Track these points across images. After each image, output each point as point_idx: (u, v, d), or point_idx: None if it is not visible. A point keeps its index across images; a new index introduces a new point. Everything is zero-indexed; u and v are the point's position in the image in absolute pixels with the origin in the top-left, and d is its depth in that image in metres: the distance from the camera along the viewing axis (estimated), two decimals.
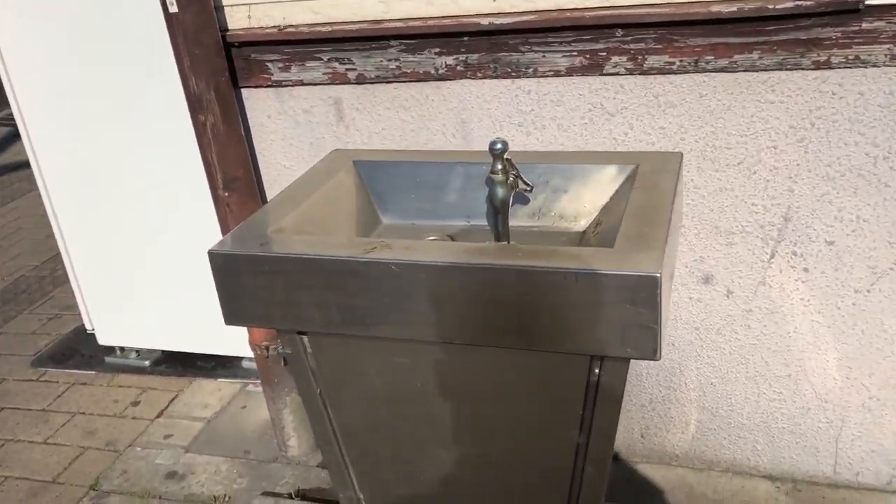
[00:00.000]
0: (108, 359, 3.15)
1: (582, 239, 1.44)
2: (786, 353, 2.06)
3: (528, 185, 1.43)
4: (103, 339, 3.12)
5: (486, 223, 1.53)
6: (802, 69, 1.78)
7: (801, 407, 2.11)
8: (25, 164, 5.70)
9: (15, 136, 6.53)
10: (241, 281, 1.28)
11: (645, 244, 1.15)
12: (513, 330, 1.18)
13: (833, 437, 2.12)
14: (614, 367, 1.22)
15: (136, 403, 2.90)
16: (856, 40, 1.72)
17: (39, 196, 2.94)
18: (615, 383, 1.24)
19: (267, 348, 2.34)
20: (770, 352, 2.07)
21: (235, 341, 2.83)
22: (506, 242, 1.45)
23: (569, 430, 1.30)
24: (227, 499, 2.38)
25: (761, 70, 1.80)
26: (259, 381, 2.89)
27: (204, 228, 2.65)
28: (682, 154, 1.51)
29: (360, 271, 1.22)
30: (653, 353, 1.12)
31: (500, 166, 1.36)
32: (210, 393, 2.90)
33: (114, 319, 3.05)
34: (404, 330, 1.24)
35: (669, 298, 1.23)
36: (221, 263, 1.29)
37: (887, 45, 1.70)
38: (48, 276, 4.04)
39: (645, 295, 1.09)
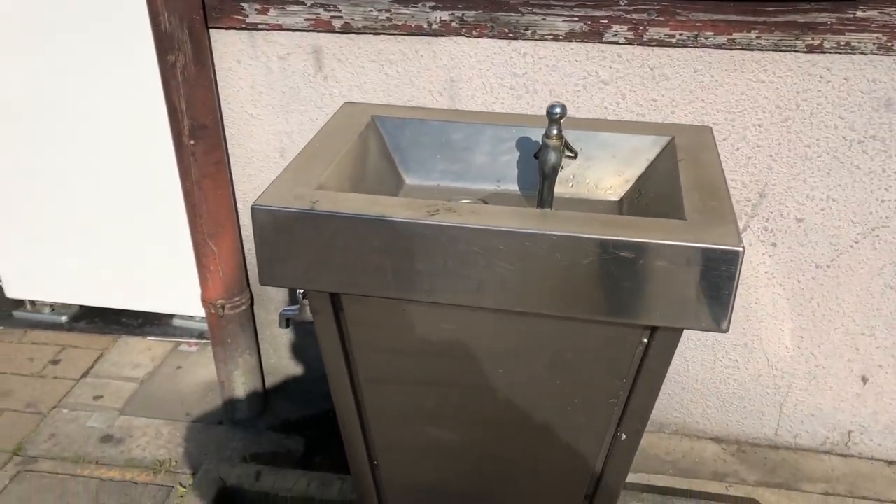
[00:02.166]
0: (17, 314, 2.90)
1: (620, 208, 1.44)
2: (745, 323, 2.17)
3: (573, 151, 1.41)
4: (11, 292, 2.86)
5: (516, 188, 1.50)
6: (796, 52, 1.84)
7: (752, 373, 2.23)
8: None
9: None
10: (288, 240, 1.19)
11: (718, 218, 1.16)
12: (581, 300, 1.17)
13: (779, 402, 2.26)
14: (666, 336, 1.23)
15: (55, 362, 2.69)
16: (849, 27, 1.79)
17: None
18: (664, 352, 1.25)
19: (223, 307, 2.22)
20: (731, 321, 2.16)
21: (165, 296, 2.68)
22: (550, 209, 1.42)
23: (611, 398, 1.30)
24: (172, 463, 2.26)
25: (757, 50, 1.85)
26: (193, 341, 2.75)
27: (129, 175, 2.46)
28: (710, 128, 1.53)
29: (423, 234, 1.16)
30: (722, 325, 1.14)
31: (554, 131, 1.33)
32: (140, 352, 2.73)
33: (25, 271, 2.80)
34: (464, 297, 1.20)
35: None
36: (267, 220, 1.19)
37: (877, 34, 1.78)
38: None
39: (726, 268, 1.10)
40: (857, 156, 1.92)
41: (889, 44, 1.79)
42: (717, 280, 1.11)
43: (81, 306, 2.90)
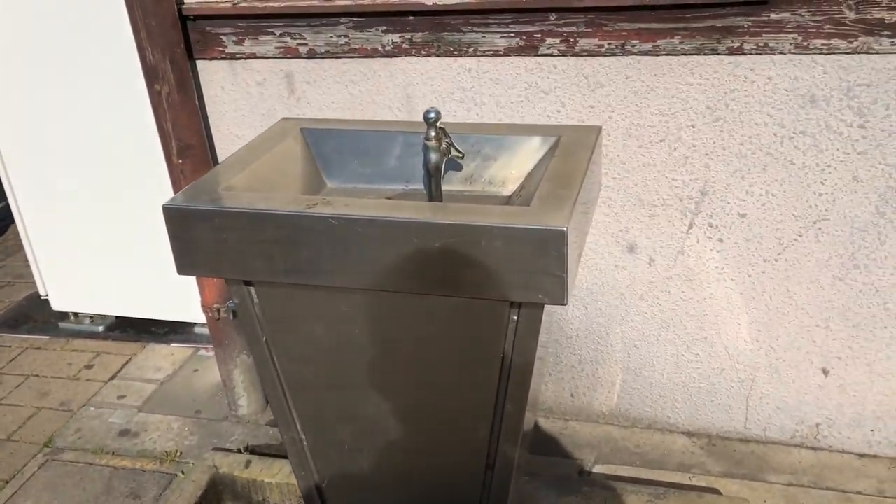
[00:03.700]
0: (61, 324, 3.22)
1: (508, 202, 1.58)
2: (702, 318, 2.24)
3: (459, 152, 1.56)
4: (57, 305, 3.19)
5: (422, 188, 1.66)
6: (718, 54, 1.94)
7: (715, 368, 2.30)
8: None
9: None
10: (192, 233, 1.40)
11: (557, 203, 1.30)
12: (439, 279, 1.32)
13: (744, 395, 2.31)
14: (530, 312, 1.37)
15: (89, 367, 2.99)
16: (765, 29, 1.88)
17: None
18: (531, 327, 1.39)
19: (218, 310, 2.45)
20: (688, 316, 2.25)
21: (188, 307, 2.93)
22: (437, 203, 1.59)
23: (490, 370, 1.44)
24: (178, 454, 2.49)
25: (682, 54, 1.96)
26: (210, 346, 3.00)
27: (156, 195, 2.73)
28: (600, 128, 1.66)
29: (302, 225, 1.34)
30: (561, 299, 1.27)
31: (433, 133, 1.50)
32: (163, 357, 3.00)
33: (68, 285, 3.12)
34: (342, 279, 1.37)
35: (581, 252, 1.38)
36: (175, 217, 1.40)
37: (792, 35, 1.87)
38: None
39: (554, 247, 1.23)
40: (789, 151, 1.99)
41: (805, 43, 1.87)
42: (549, 258, 1.24)
43: (116, 317, 3.20)
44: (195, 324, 3.09)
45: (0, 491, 2.39)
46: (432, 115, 1.46)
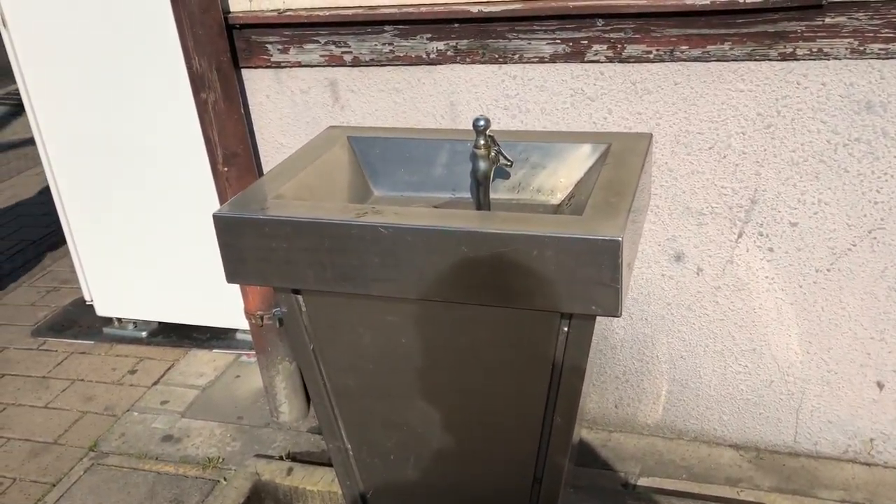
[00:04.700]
0: (106, 329, 3.26)
1: (557, 210, 1.56)
2: (751, 329, 2.20)
3: (508, 160, 1.55)
4: (102, 311, 3.23)
5: (469, 196, 1.65)
6: (770, 60, 1.90)
7: (764, 380, 2.25)
8: (22, 143, 5.80)
9: (12, 115, 6.61)
10: (242, 242, 1.40)
11: (611, 212, 1.27)
12: (489, 289, 1.30)
13: (794, 408, 2.26)
14: (582, 323, 1.34)
15: (133, 372, 3.02)
16: (819, 34, 1.84)
17: (35, 175, 3.04)
18: (582, 339, 1.36)
19: (261, 317, 2.46)
20: (736, 327, 2.20)
21: (230, 313, 2.95)
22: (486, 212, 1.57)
23: (540, 382, 1.42)
24: (220, 460, 2.50)
25: (732, 60, 1.92)
26: (252, 352, 3.01)
27: (200, 203, 2.76)
28: (651, 135, 1.63)
29: (352, 234, 1.33)
30: (615, 311, 1.25)
31: (482, 141, 1.48)
32: (205, 363, 3.02)
33: (112, 291, 3.16)
34: (391, 288, 1.36)
35: (633, 262, 1.36)
36: (225, 225, 1.40)
37: (848, 40, 1.82)
38: (46, 252, 4.14)
39: (608, 257, 1.21)
40: (843, 159, 1.95)
41: (861, 48, 1.82)
42: (603, 268, 1.22)
43: (159, 323, 3.23)
44: (237, 330, 3.10)
45: (47, 494, 2.42)
46: (482, 122, 1.45)
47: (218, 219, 1.40)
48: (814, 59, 1.87)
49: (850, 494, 2.17)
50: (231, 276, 1.45)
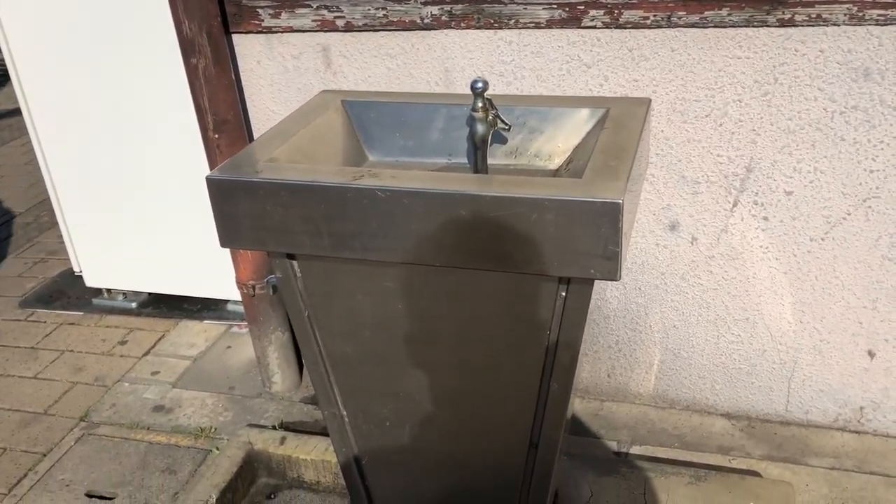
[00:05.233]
0: (95, 300, 3.24)
1: (555, 175, 1.55)
2: (744, 298, 2.20)
3: (506, 124, 1.53)
4: (91, 281, 3.20)
5: (466, 161, 1.63)
6: (768, 26, 1.88)
7: (757, 349, 2.25)
8: (7, 114, 5.71)
9: None
10: (236, 206, 1.38)
11: (610, 175, 1.26)
12: (487, 253, 1.29)
13: (786, 377, 2.26)
14: (579, 288, 1.34)
15: (123, 343, 2.99)
16: (818, 0, 1.82)
17: (21, 145, 3.00)
18: (580, 304, 1.35)
19: (253, 287, 2.44)
20: (730, 296, 2.20)
21: (221, 284, 2.93)
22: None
23: (537, 347, 1.41)
24: (213, 430, 2.49)
25: (729, 26, 1.90)
26: (243, 323, 3.00)
27: (190, 172, 2.72)
28: (649, 100, 1.61)
29: (348, 197, 1.32)
30: (614, 275, 1.24)
31: (480, 104, 1.46)
32: (196, 333, 3.00)
33: (101, 262, 3.13)
34: (388, 253, 1.34)
35: (631, 227, 1.34)
36: (218, 189, 1.38)
37: (847, 5, 1.81)
38: (33, 223, 4.09)
39: (609, 220, 1.20)
40: (840, 127, 1.94)
41: (860, 13, 1.81)
42: (603, 231, 1.21)
43: (149, 293, 3.20)
44: (228, 301, 3.08)
45: (38, 464, 2.41)
46: (480, 85, 1.43)
47: (211, 182, 1.38)
48: (812, 26, 1.85)
49: (840, 462, 2.19)
50: (225, 241, 1.43)
